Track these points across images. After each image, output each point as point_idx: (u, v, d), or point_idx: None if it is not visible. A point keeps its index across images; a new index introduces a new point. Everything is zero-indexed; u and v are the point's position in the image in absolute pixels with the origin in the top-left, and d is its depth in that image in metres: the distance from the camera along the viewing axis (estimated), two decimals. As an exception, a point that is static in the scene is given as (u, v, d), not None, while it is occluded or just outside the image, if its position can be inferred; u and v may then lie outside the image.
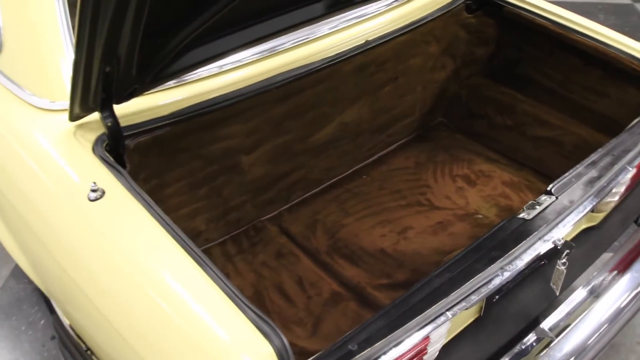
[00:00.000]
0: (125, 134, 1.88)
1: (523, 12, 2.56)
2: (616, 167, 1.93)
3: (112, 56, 1.59)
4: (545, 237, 1.73)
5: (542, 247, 1.72)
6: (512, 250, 1.66)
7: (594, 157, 1.98)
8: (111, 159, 1.78)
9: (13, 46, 2.00)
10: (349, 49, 2.33)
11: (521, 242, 1.68)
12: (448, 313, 1.51)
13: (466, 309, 1.55)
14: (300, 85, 2.29)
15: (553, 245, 1.75)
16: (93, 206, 1.62)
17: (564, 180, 1.90)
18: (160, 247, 1.52)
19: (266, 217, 2.47)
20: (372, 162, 2.76)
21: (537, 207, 1.81)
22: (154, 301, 1.44)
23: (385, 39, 2.42)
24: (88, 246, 1.59)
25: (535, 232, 1.72)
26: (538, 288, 2.01)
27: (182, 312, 1.41)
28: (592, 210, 2.15)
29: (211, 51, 1.94)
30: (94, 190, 1.64)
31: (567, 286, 2.19)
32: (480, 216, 2.43)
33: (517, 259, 1.66)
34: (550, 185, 1.87)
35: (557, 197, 1.84)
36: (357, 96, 2.53)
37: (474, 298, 1.55)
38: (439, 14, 2.59)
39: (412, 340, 1.44)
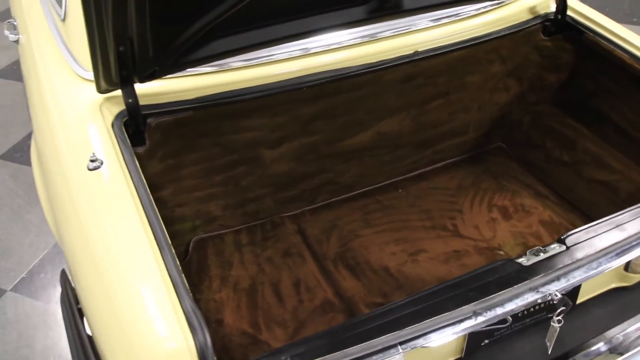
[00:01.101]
0: (145, 112, 1.96)
1: (603, 42, 2.35)
2: None
3: (123, 37, 1.68)
4: (541, 289, 1.59)
5: (532, 298, 1.58)
6: (493, 295, 1.55)
7: (627, 212, 1.79)
8: (124, 133, 1.87)
9: (71, 16, 2.15)
10: (394, 58, 2.26)
11: (507, 288, 1.56)
12: (399, 347, 1.44)
13: (423, 346, 1.48)
14: (334, 88, 2.26)
15: (547, 299, 1.61)
16: (89, 175, 1.72)
17: (584, 230, 1.73)
18: (127, 224, 1.58)
19: (287, 214, 2.48)
20: (412, 177, 2.67)
21: (541, 254, 1.67)
22: (107, 272, 1.50)
23: (437, 52, 2.33)
24: (76, 210, 1.68)
25: (527, 281, 1.59)
26: (535, 342, 1.86)
27: (125, 289, 1.45)
28: (625, 270, 1.97)
29: (236, 43, 1.97)
30: (92, 160, 1.74)
31: (579, 347, 2.00)
32: (501, 252, 2.28)
33: (498, 305, 1.55)
34: (566, 234, 1.72)
35: (567, 248, 1.68)
36: (399, 107, 2.45)
37: (433, 337, 1.46)
38: (508, 32, 2.44)
39: None
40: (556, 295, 1.61)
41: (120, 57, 1.73)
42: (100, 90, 1.88)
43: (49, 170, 1.94)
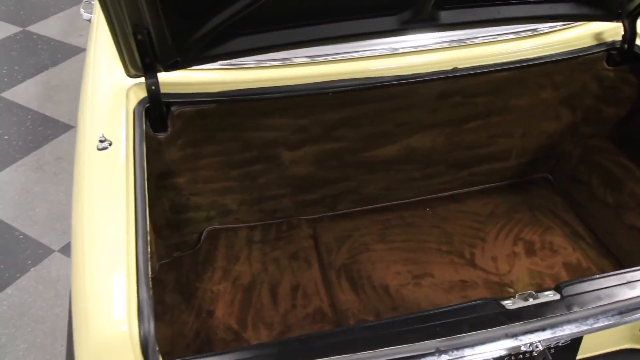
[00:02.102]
0: (167, 100, 2.03)
1: None
2: None
3: (139, 26, 1.74)
4: (520, 337, 1.49)
5: (508, 345, 1.49)
6: (463, 334, 1.47)
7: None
8: (142, 119, 1.94)
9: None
10: (429, 72, 2.18)
11: (481, 329, 1.48)
12: None
13: None
14: (362, 97, 2.22)
15: (527, 349, 1.51)
16: (96, 154, 1.80)
17: (587, 281, 1.60)
18: (113, 207, 1.64)
19: (305, 217, 2.47)
20: (443, 197, 2.56)
21: (531, 299, 1.56)
22: (85, 249, 1.56)
23: (479, 71, 2.22)
24: (79, 186, 1.76)
25: (505, 326, 1.49)
26: None
27: (93, 268, 1.51)
28: None
29: (259, 42, 1.99)
30: (101, 141, 1.83)
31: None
32: (511, 290, 2.15)
33: (467, 346, 1.46)
34: (566, 282, 1.60)
35: (562, 297, 1.56)
36: (432, 123, 2.36)
37: None
38: (564, 57, 2.28)
39: None
40: (537, 347, 1.50)
41: (139, 45, 1.79)
42: (130, 75, 1.95)
43: (76, 144, 2.05)
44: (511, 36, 2.29)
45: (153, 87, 1.96)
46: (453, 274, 2.21)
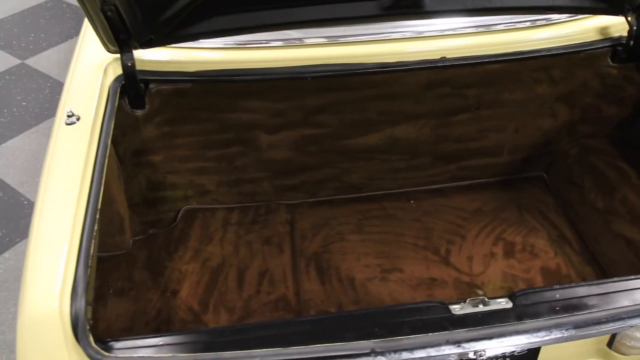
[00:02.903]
0: (143, 77, 2.02)
1: None
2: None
3: (108, 3, 1.73)
4: (464, 344, 1.43)
5: (449, 351, 1.43)
6: (403, 337, 1.42)
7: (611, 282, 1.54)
8: (116, 95, 1.94)
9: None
10: (415, 61, 2.10)
11: (422, 333, 1.42)
12: None
13: None
14: (342, 83, 2.16)
15: (471, 357, 1.46)
16: (65, 129, 1.81)
17: (546, 292, 1.52)
18: (69, 181, 1.63)
19: (285, 202, 2.44)
20: (429, 190, 2.49)
21: (481, 305, 1.50)
22: (37, 222, 1.56)
23: (468, 62, 2.13)
24: (46, 159, 1.77)
25: (448, 332, 1.43)
26: None
27: (38, 241, 1.52)
28: (609, 346, 1.73)
29: (234, 23, 1.95)
30: (69, 116, 1.84)
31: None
32: (480, 292, 2.08)
33: (406, 349, 1.42)
34: (522, 290, 1.53)
35: (514, 306, 1.48)
36: (418, 114, 2.29)
37: None
38: (563, 51, 2.17)
39: None
40: (481, 355, 1.44)
41: (110, 21, 1.78)
42: (109, 50, 1.95)
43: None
44: (505, 27, 2.18)
45: (129, 64, 1.96)
46: (423, 271, 2.15)
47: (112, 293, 2.06)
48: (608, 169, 2.30)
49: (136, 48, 1.95)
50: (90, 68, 2.03)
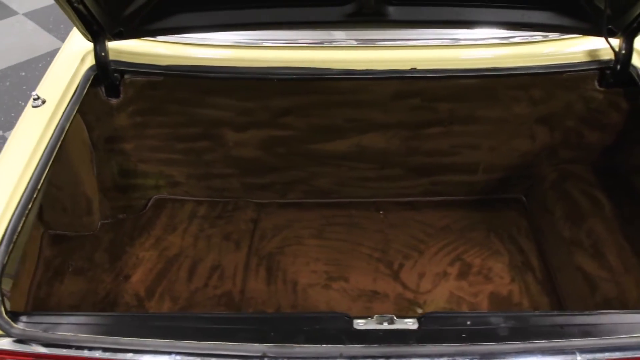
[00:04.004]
0: (116, 67, 2.10)
1: None
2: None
3: None
4: (353, 358, 1.41)
5: None
6: (295, 344, 1.42)
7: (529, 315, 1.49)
8: (87, 82, 2.04)
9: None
10: (384, 70, 2.08)
11: (317, 343, 1.41)
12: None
13: None
14: (308, 87, 2.17)
15: None
16: (31, 111, 1.92)
17: (459, 317, 1.48)
18: (16, 161, 1.71)
19: (254, 200, 2.47)
20: (401, 203, 2.45)
21: (385, 323, 1.47)
22: None
23: (439, 75, 2.09)
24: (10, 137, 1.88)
25: (342, 345, 1.41)
26: None
27: None
28: None
29: (199, 21, 2.01)
30: (35, 99, 1.94)
31: None
32: (419, 310, 2.03)
33: (297, 357, 1.42)
34: (433, 313, 1.50)
35: (419, 328, 1.44)
36: (386, 124, 2.26)
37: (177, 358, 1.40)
38: (544, 70, 2.09)
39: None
40: None
41: (78, 13, 1.87)
42: (88, 39, 2.05)
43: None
44: (482, 42, 2.12)
45: (102, 54, 2.04)
46: (369, 283, 2.12)
47: (71, 271, 2.16)
48: (582, 198, 2.20)
49: (109, 40, 2.04)
50: (71, 55, 2.13)
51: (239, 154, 2.33)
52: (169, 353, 1.36)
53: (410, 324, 1.44)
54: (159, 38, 2.14)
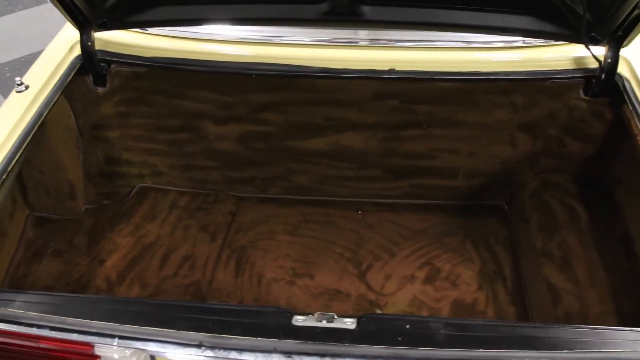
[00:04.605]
0: (102, 57, 2.17)
1: (635, 121, 1.87)
2: None
3: None
4: (295, 356, 1.42)
5: (277, 359, 1.44)
6: (231, 336, 1.44)
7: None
8: (72, 70, 2.11)
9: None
10: (362, 70, 2.09)
11: (254, 336, 1.42)
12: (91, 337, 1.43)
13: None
14: (286, 84, 2.19)
15: None
16: (14, 95, 1.99)
17: (398, 321, 1.46)
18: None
19: (235, 193, 2.49)
20: (380, 204, 2.44)
21: (324, 321, 1.47)
22: None
23: (418, 77, 2.08)
24: None
25: (277, 340, 1.42)
26: None
27: None
28: None
29: (179, 14, 2.06)
30: (18, 84, 2.01)
31: None
32: (378, 311, 2.01)
33: (234, 349, 1.42)
34: (373, 314, 1.51)
35: (357, 328, 1.44)
36: (365, 124, 2.26)
37: (137, 345, 1.41)
38: (526, 77, 2.06)
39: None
40: None
41: (63, 3, 1.93)
42: (77, 29, 2.12)
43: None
44: (463, 45, 2.11)
45: (89, 44, 2.11)
46: (334, 282, 2.12)
47: (50, 252, 2.23)
48: (559, 208, 2.15)
49: (95, 30, 2.10)
50: (60, 44, 2.20)
51: (219, 147, 2.37)
52: (112, 336, 1.41)
53: (349, 323, 1.43)
54: (145, 30, 2.19)
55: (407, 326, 1.43)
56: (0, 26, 4.65)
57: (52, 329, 1.43)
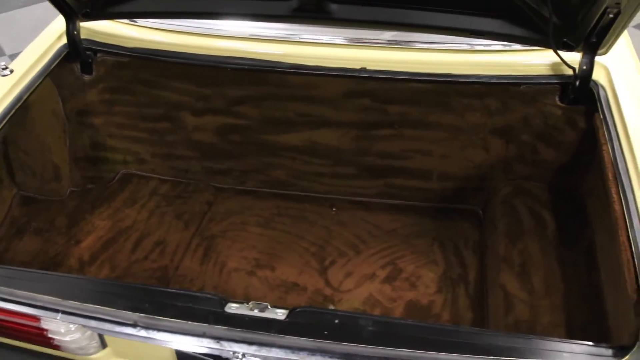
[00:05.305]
0: (86, 46, 2.25)
1: (603, 129, 1.84)
2: None
3: None
4: (222, 341, 1.46)
5: (207, 344, 1.47)
6: (164, 317, 1.48)
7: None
8: (57, 57, 2.19)
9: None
10: (334, 67, 2.11)
11: (185, 319, 1.46)
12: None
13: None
14: (260, 79, 2.23)
15: (229, 356, 1.50)
16: (1, 79, 2.08)
17: (324, 315, 1.49)
18: None
19: (215, 184, 2.54)
20: (355, 202, 2.45)
21: (256, 310, 1.51)
22: None
23: (389, 76, 2.08)
24: None
25: (206, 325, 1.46)
26: None
27: None
28: None
29: (156, 7, 2.11)
30: (3, 69, 2.11)
31: None
32: (331, 306, 2.03)
33: (165, 330, 1.48)
34: (307, 308, 1.52)
35: (286, 319, 1.47)
36: (337, 121, 2.27)
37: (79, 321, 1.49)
38: (499, 80, 2.04)
39: None
40: (237, 357, 1.47)
41: None
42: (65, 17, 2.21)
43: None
44: (437, 47, 2.09)
45: (75, 32, 2.20)
46: (293, 275, 2.14)
47: (32, 231, 2.32)
48: (527, 215, 2.11)
49: (81, 20, 2.18)
50: (50, 33, 2.28)
51: (198, 138, 2.42)
52: (55, 310, 1.48)
53: (280, 314, 1.46)
54: (131, 21, 2.26)
55: (336, 321, 1.45)
56: (28, 14, 4.82)
57: (3, 299, 1.51)
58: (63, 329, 1.61)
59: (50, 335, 1.64)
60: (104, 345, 1.69)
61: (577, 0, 1.82)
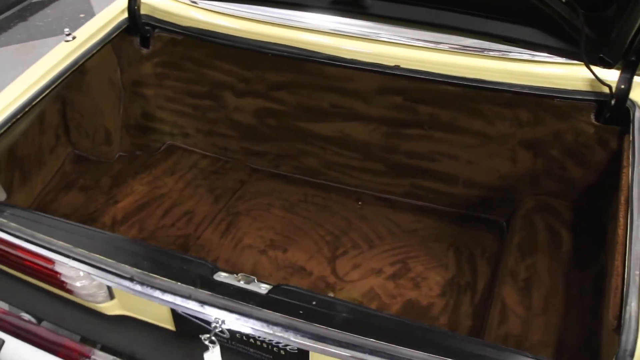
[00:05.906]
0: (145, 21, 2.41)
1: (628, 152, 1.80)
2: None
3: None
4: (207, 306, 1.56)
5: (193, 306, 1.55)
6: (157, 276, 1.58)
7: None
8: (118, 29, 2.37)
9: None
10: (368, 62, 2.15)
11: (177, 281, 1.57)
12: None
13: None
14: (298, 67, 2.30)
15: (210, 320, 1.59)
16: (62, 44, 2.28)
17: (304, 295, 1.55)
18: (28, 78, 2.07)
19: (252, 165, 2.64)
20: (381, 198, 2.47)
21: (242, 281, 1.59)
22: None
23: (422, 76, 2.10)
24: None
25: (194, 288, 1.56)
26: None
27: None
28: None
29: None
30: (67, 34, 2.31)
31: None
32: (331, 294, 2.06)
33: (157, 288, 1.57)
34: (290, 287, 1.60)
35: (267, 294, 1.55)
36: (369, 116, 2.30)
37: (87, 270, 1.61)
38: (531, 91, 2.02)
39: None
40: (218, 323, 1.55)
41: None
42: None
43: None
44: (472, 51, 2.09)
45: (136, 7, 2.36)
46: (302, 260, 2.20)
47: (78, 187, 2.51)
48: (544, 232, 2.06)
49: None
50: (116, 6, 2.46)
51: (237, 118, 2.52)
52: (67, 256, 1.62)
53: (263, 289, 1.54)
54: (187, 0, 2.40)
55: (313, 302, 1.50)
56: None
57: (27, 241, 1.67)
58: (73, 274, 1.75)
59: (62, 279, 1.78)
60: (111, 296, 1.81)
61: (612, 12, 1.76)
